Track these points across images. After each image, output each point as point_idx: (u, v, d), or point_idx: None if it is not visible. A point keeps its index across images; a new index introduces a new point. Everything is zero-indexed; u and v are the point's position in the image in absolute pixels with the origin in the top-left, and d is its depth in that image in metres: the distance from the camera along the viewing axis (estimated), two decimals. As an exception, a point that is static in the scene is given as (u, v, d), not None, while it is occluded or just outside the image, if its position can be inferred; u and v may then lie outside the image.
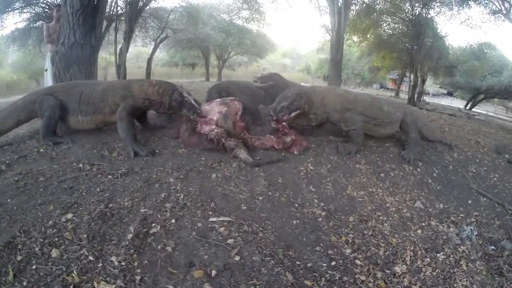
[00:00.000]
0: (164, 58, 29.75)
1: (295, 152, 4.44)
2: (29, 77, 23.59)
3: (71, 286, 2.13)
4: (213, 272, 2.31)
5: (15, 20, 15.17)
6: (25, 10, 14.37)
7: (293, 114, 4.52)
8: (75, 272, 2.24)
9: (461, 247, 3.23)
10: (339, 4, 9.80)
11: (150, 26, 18.66)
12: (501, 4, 12.04)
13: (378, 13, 17.76)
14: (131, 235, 2.62)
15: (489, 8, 13.81)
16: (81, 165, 3.71)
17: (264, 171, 3.88)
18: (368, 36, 19.74)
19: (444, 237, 3.36)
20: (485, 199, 4.31)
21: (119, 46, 13.11)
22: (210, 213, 3.00)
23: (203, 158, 4.04)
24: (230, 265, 2.41)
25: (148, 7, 15.43)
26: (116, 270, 2.29)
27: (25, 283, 2.13)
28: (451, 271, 2.87)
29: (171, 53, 28.48)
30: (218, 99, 4.63)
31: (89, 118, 4.38)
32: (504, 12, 11.80)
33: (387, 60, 21.31)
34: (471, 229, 3.51)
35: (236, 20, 24.55)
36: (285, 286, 2.28)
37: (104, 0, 5.80)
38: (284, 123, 4.55)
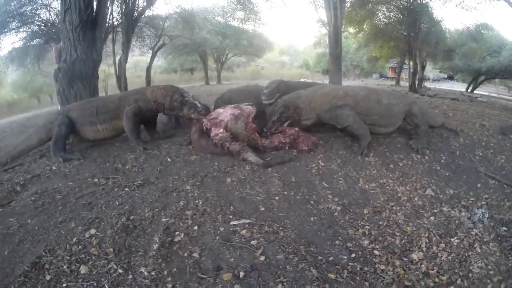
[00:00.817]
0: (162, 65, 29.97)
1: (305, 148, 4.49)
2: (29, 95, 23.84)
3: None
4: (241, 274, 2.41)
5: (12, 40, 15.44)
6: (21, 30, 14.37)
7: (285, 125, 4.67)
8: (106, 286, 2.32)
9: (474, 230, 3.30)
10: None
11: (146, 35, 18.77)
12: None
13: (373, 3, 17.67)
14: (156, 245, 2.70)
15: None
16: (96, 180, 3.83)
17: (277, 171, 3.94)
18: (364, 26, 19.63)
19: (457, 221, 3.42)
20: (494, 181, 4.33)
21: (117, 57, 13.22)
22: (231, 216, 3.08)
23: (215, 163, 4.12)
24: (257, 266, 2.51)
25: (143, 16, 15.52)
26: (147, 281, 2.37)
27: None
28: (466, 254, 2.94)
29: (169, 60, 28.64)
30: (233, 104, 4.77)
31: (107, 125, 4.75)
32: None
33: (385, 49, 21.25)
34: (482, 212, 3.58)
35: (231, 22, 24.55)
36: (310, 280, 2.37)
37: (103, 14, 5.85)
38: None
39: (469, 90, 22.63)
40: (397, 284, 2.49)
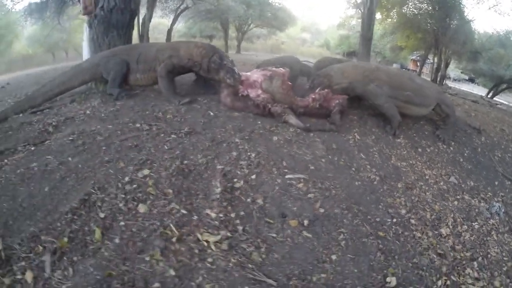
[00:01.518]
0: (182, 29, 29.20)
1: (337, 108, 4.53)
2: (45, 50, 23.36)
3: (174, 239, 2.22)
4: (305, 222, 2.58)
5: (32, -7, 14.75)
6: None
7: (317, 90, 4.61)
8: (171, 225, 2.31)
9: (491, 220, 3.55)
10: None
11: None
12: None
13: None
14: (219, 189, 2.73)
15: None
16: (138, 125, 3.75)
17: (318, 137, 4.05)
18: (392, 14, 19.53)
19: (476, 210, 3.66)
20: (509, 182, 4.55)
21: (141, 16, 13.17)
22: (286, 170, 3.20)
23: (259, 122, 4.17)
24: (318, 216, 2.68)
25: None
26: (216, 222, 2.41)
27: (117, 241, 2.16)
28: (485, 238, 3.20)
29: (189, 25, 28.00)
30: (262, 68, 4.79)
31: (145, 75, 4.78)
32: None
33: (411, 40, 20.99)
34: (499, 206, 3.81)
35: None
36: (365, 234, 2.60)
37: None
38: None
39: (489, 96, 22.56)
40: (432, 251, 2.72)
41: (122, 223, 2.29)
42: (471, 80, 32.12)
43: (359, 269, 2.28)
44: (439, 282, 2.41)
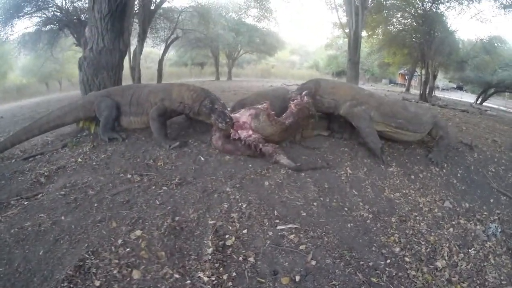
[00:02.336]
0: (173, 58, 30.01)
1: (328, 164, 4.44)
2: (38, 80, 23.92)
3: None
4: (297, 278, 2.54)
5: (26, 25, 15.46)
6: (35, 14, 14.54)
7: (303, 93, 4.69)
8: None
9: (488, 243, 3.55)
10: (357, 4, 9.92)
11: (160, 27, 19.00)
12: None
13: (389, 9, 17.91)
14: (211, 249, 2.70)
15: (499, 2, 13.92)
16: (129, 175, 3.78)
17: (310, 176, 4.03)
18: (377, 31, 19.99)
19: (473, 234, 3.67)
20: (505, 197, 4.54)
21: (132, 48, 13.37)
22: (277, 221, 3.17)
23: (250, 165, 4.15)
24: (310, 270, 2.64)
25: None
26: (209, 286, 2.38)
27: None
28: (482, 264, 3.21)
29: (180, 53, 28.84)
30: (247, 107, 4.72)
31: (138, 119, 4.86)
32: None
33: (398, 56, 21.51)
34: (495, 226, 3.82)
35: (245, 19, 24.86)
36: (358, 284, 2.58)
37: (131, 4, 5.78)
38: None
39: (478, 102, 22.74)
40: None
41: None
42: (460, 88, 32.67)
43: None
44: None
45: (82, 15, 14.49)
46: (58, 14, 14.57)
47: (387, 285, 2.67)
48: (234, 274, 2.53)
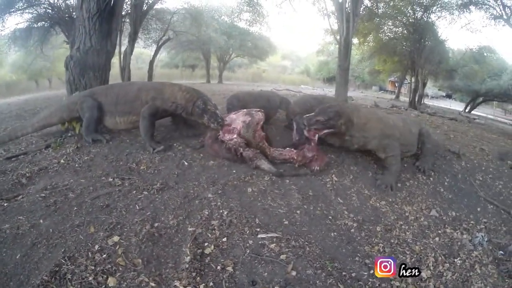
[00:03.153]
0: (164, 59, 29.95)
1: (316, 168, 4.39)
2: (28, 77, 23.56)
3: None
4: None
5: (17, 21, 15.41)
6: (27, 11, 14.39)
7: (325, 131, 4.32)
8: None
9: (474, 252, 3.53)
10: (348, 11, 9.99)
11: (152, 28, 18.99)
12: (502, 9, 12.32)
13: (381, 17, 18.14)
14: (188, 257, 2.71)
15: (489, 13, 14.12)
16: (110, 179, 3.80)
17: (294, 184, 4.05)
18: (368, 38, 20.23)
19: (459, 243, 3.65)
20: (492, 206, 4.55)
21: (122, 48, 13.32)
22: (258, 229, 3.17)
23: (234, 171, 4.18)
24: (290, 281, 2.63)
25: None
26: None
27: None
28: (468, 274, 3.19)
29: (171, 55, 28.88)
30: (245, 110, 4.80)
31: (125, 118, 4.77)
32: (505, 17, 12.08)
33: (388, 64, 21.88)
34: (482, 236, 3.80)
35: (237, 23, 24.96)
36: None
37: (120, 5, 5.79)
38: (314, 138, 4.40)
39: (466, 110, 23.13)
40: None
41: None
42: (449, 96, 33.33)
43: None
44: None
45: (74, 13, 14.45)
46: (50, 11, 14.42)
47: None
48: (211, 284, 2.50)
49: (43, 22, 14.94)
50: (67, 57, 5.43)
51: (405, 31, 19.09)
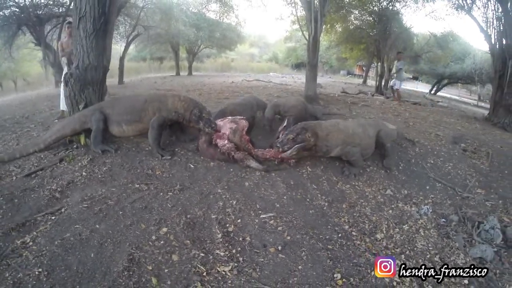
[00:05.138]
0: (131, 53, 29.35)
1: (293, 161, 5.35)
2: None
3: (204, 274, 3.09)
4: (279, 247, 3.57)
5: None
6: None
7: (297, 146, 4.97)
8: (199, 264, 3.18)
9: (420, 220, 4.44)
10: (316, 9, 10.51)
11: (121, 23, 18.70)
12: (463, 0, 12.95)
13: (347, 8, 18.82)
14: (219, 234, 3.63)
15: (452, 2, 14.86)
16: (137, 185, 4.37)
17: (279, 176, 4.98)
18: (335, 27, 20.85)
19: (408, 214, 4.57)
20: (440, 184, 5.40)
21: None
22: (259, 212, 4.14)
23: (231, 170, 5.03)
24: (287, 242, 3.67)
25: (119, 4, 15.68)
26: (225, 258, 3.32)
27: (169, 282, 2.96)
28: (413, 236, 4.12)
29: (139, 48, 28.56)
30: (230, 117, 5.61)
31: (132, 126, 5.32)
32: (466, 8, 12.66)
33: (355, 52, 22.56)
34: (427, 207, 4.72)
35: (206, 14, 25.04)
36: (319, 249, 3.64)
37: (113, 22, 5.96)
38: (287, 155, 5.08)
39: (432, 92, 24.29)
40: (368, 252, 3.74)
41: (166, 270, 3.09)
42: (415, 78, 34.10)
43: (316, 272, 3.27)
44: (373, 273, 3.43)
45: (40, 11, 14.49)
46: (18, 12, 14.46)
47: (339, 250, 3.70)
48: (239, 249, 3.50)
49: (10, 24, 14.77)
50: (66, 74, 5.75)
51: (371, 18, 19.78)
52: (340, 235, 4.01)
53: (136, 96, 5.86)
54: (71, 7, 12.95)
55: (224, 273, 3.18)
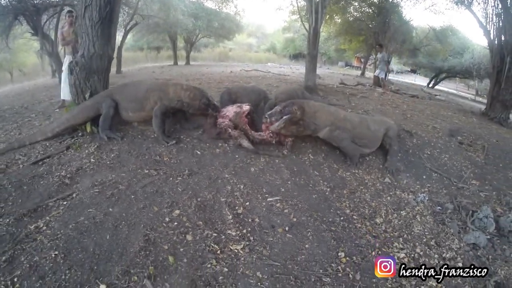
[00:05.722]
0: (128, 42, 28.82)
1: (289, 143, 5.56)
2: None
3: (218, 252, 3.30)
4: (287, 228, 3.83)
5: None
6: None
7: (285, 118, 5.16)
8: (212, 244, 3.38)
9: (417, 207, 4.68)
10: (317, 1, 10.56)
11: (119, 13, 18.57)
12: None
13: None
14: (230, 216, 3.85)
15: None
16: (146, 171, 4.47)
17: (283, 163, 5.19)
18: (334, 19, 21.07)
19: (405, 201, 4.81)
20: (436, 174, 5.58)
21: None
22: (266, 195, 4.36)
23: (236, 156, 5.19)
24: (293, 223, 3.94)
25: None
26: (237, 237, 3.55)
27: (185, 260, 3.13)
28: (410, 221, 4.38)
29: (136, 38, 28.45)
30: (237, 103, 5.97)
31: (136, 114, 5.51)
32: (466, 3, 12.72)
33: (354, 43, 22.82)
34: (423, 196, 4.95)
35: (205, 3, 25.14)
36: (323, 230, 3.94)
37: (117, 12, 6.06)
38: (275, 127, 5.28)
39: (430, 86, 24.40)
40: (369, 235, 4.02)
41: (181, 249, 3.28)
42: (413, 71, 34.24)
43: (322, 250, 3.61)
44: (373, 253, 3.73)
45: (37, 0, 14.23)
46: (14, 1, 13.91)
47: (341, 231, 4.01)
48: (249, 229, 3.75)
49: (7, 14, 14.22)
50: (71, 62, 5.78)
51: (370, 10, 20.02)
52: (342, 218, 4.26)
53: (140, 83, 5.97)
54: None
55: (236, 251, 3.42)
